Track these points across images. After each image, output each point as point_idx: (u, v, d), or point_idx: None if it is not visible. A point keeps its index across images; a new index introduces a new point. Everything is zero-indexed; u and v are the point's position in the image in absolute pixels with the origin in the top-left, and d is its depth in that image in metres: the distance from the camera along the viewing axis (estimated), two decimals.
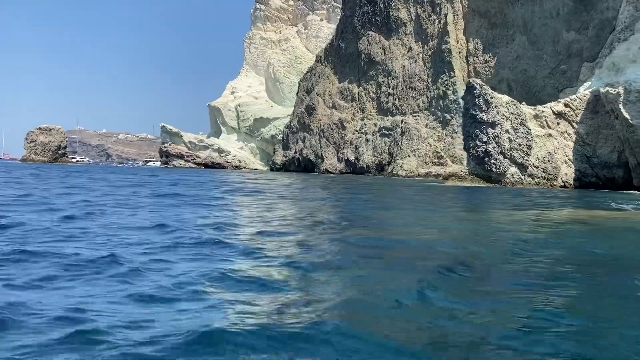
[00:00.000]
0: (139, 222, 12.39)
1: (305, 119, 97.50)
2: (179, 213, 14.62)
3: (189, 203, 18.24)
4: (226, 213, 15.30)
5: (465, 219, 15.89)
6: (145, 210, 15.18)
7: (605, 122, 39.39)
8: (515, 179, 37.19)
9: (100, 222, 12.04)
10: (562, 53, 63.15)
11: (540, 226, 13.78)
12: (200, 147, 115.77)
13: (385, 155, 79.99)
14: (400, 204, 20.95)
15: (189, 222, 12.42)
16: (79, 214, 13.42)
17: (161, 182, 35.68)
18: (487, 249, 9.78)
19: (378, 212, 17.17)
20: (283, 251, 8.63)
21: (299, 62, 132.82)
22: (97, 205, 16.10)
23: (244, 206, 18.63)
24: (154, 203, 18.02)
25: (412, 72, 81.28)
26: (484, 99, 37.43)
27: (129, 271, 6.63)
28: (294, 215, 15.03)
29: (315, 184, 31.63)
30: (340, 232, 11.41)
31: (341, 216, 15.34)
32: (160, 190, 24.96)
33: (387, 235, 11.50)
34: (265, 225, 12.26)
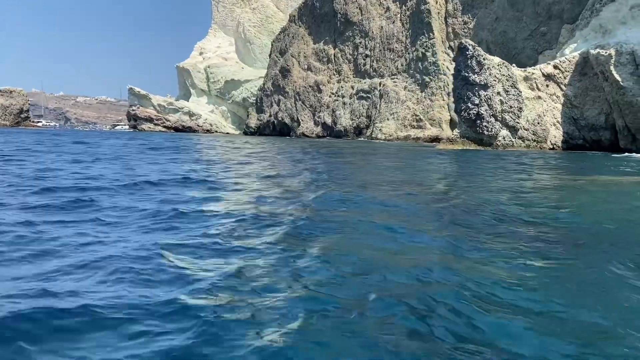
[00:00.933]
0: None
1: (279, 81, 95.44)
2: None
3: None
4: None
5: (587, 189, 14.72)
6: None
7: (593, 84, 39.60)
8: (506, 142, 37.25)
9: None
10: (542, 15, 63.02)
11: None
12: (170, 110, 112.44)
13: (364, 118, 79.34)
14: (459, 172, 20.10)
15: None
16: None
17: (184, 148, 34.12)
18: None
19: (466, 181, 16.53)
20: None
21: (270, 22, 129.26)
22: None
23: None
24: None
25: (390, 33, 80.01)
26: (476, 60, 36.94)
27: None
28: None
29: (315, 155, 30.60)
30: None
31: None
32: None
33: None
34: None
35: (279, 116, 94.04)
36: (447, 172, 19.49)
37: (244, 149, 33.88)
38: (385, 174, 18.07)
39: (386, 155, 30.36)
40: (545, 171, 20.16)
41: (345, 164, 22.78)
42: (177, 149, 33.00)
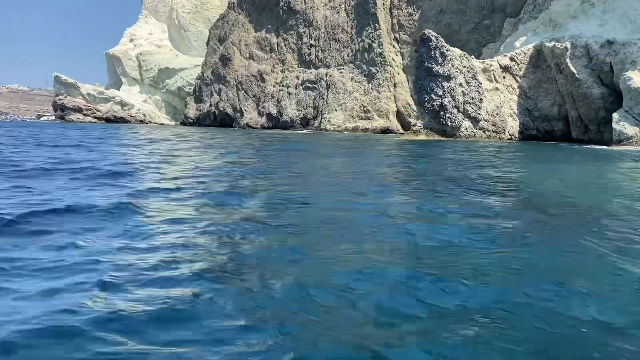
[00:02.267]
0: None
1: (220, 70, 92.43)
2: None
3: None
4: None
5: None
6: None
7: (546, 76, 40.93)
8: (468, 133, 37.73)
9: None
10: (486, 8, 64.79)
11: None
12: (101, 99, 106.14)
13: (310, 109, 78.45)
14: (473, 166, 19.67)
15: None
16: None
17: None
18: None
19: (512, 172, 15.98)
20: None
21: (206, 9, 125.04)
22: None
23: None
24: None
25: (335, 23, 79.43)
26: (440, 51, 37.04)
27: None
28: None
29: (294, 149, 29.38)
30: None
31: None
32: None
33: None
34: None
35: (220, 106, 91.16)
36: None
37: (165, 144, 31.34)
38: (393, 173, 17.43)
39: (353, 150, 29.65)
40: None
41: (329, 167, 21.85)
42: (81, 147, 30.59)
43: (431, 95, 37.46)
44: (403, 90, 72.46)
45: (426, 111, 37.81)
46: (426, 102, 37.56)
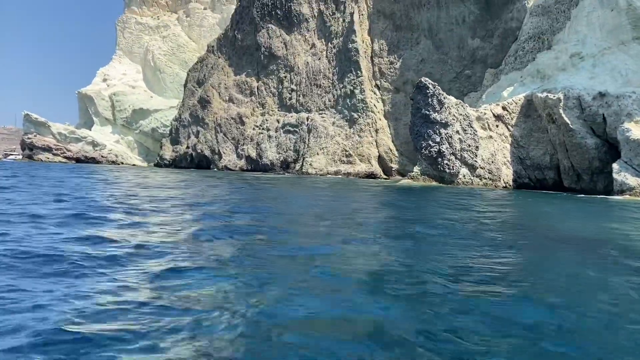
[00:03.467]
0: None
1: (198, 112, 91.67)
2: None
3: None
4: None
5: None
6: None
7: (537, 125, 41.78)
8: (466, 180, 37.80)
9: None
10: (467, 58, 66.72)
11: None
12: (72, 139, 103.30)
13: (291, 152, 78.06)
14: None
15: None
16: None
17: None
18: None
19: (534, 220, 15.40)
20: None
21: (182, 51, 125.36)
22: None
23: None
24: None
25: (317, 69, 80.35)
26: (437, 99, 37.42)
27: None
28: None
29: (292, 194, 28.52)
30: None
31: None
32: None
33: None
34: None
35: (197, 148, 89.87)
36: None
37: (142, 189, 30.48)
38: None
39: (353, 194, 29.05)
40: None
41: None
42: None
43: (428, 142, 37.56)
44: (384, 135, 73.11)
45: (423, 157, 37.82)
46: (423, 149, 37.61)
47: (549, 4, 55.53)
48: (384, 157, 72.42)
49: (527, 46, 56.66)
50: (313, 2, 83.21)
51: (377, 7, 76.47)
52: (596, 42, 38.47)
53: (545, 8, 56.09)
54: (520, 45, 57.71)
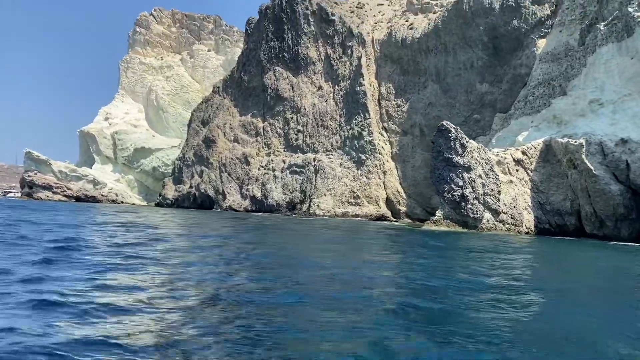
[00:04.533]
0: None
1: (203, 151, 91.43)
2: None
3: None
4: None
5: None
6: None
7: (556, 171, 41.65)
8: (490, 225, 37.30)
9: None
10: (475, 103, 67.33)
11: None
12: (73, 177, 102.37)
13: (297, 193, 77.52)
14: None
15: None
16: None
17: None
18: None
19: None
20: None
21: (185, 92, 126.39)
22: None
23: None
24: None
25: (324, 110, 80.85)
26: (460, 142, 37.33)
27: None
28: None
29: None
30: None
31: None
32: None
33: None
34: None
35: (201, 188, 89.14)
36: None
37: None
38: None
39: (382, 240, 28.22)
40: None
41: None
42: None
43: (451, 186, 37.22)
44: (392, 177, 72.94)
45: (446, 201, 37.38)
46: (446, 192, 37.23)
47: (559, 51, 56.55)
48: (391, 199, 72.01)
49: (537, 92, 57.33)
50: (320, 45, 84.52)
51: (384, 51, 77.67)
52: (615, 88, 38.85)
53: (555, 55, 57.10)
54: (530, 91, 58.38)
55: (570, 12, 56.77)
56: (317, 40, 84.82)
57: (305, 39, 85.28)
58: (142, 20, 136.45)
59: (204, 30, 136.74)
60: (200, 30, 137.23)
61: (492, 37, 64.62)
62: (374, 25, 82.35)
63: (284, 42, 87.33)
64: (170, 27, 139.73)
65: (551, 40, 58.83)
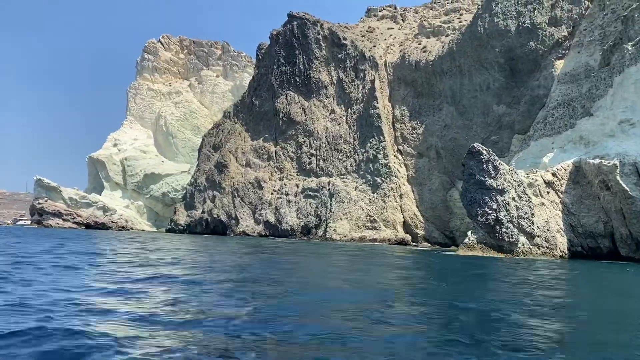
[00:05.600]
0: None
1: (215, 176, 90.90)
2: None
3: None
4: None
5: None
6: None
7: (587, 192, 40.89)
8: (525, 249, 36.39)
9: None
10: (492, 125, 66.93)
11: None
12: (83, 204, 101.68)
13: (312, 217, 76.66)
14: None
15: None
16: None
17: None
18: None
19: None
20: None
21: (194, 117, 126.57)
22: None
23: None
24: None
25: (337, 134, 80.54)
26: (492, 165, 36.68)
27: None
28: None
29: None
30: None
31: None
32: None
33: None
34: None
35: (213, 213, 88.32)
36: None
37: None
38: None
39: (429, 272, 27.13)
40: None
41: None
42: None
43: (485, 209, 36.44)
44: (409, 200, 72.16)
45: (480, 225, 36.55)
46: (479, 216, 36.42)
47: (578, 72, 56.32)
48: (409, 222, 71.11)
49: (557, 113, 56.94)
50: (332, 69, 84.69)
51: (397, 74, 77.70)
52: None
53: (574, 76, 56.86)
54: (549, 112, 58.00)
55: (589, 33, 56.77)
56: (329, 64, 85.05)
57: (317, 63, 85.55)
58: (150, 47, 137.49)
59: (212, 56, 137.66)
60: (209, 57, 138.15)
61: (509, 58, 64.59)
62: (385, 49, 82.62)
63: (295, 67, 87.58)
64: (178, 53, 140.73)
65: (569, 62, 58.71)
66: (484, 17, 66.53)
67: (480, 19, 66.96)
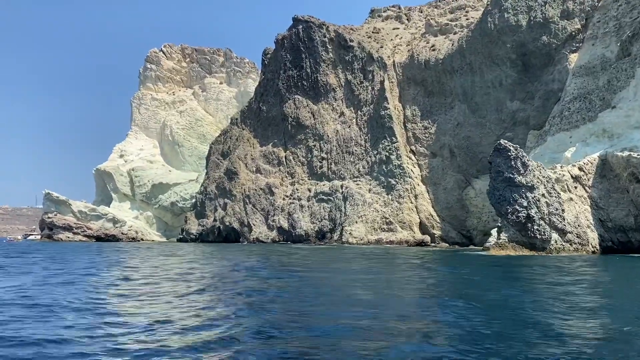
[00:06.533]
0: None
1: (225, 183, 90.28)
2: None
3: None
4: None
5: None
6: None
7: (615, 186, 40.22)
8: (558, 246, 35.70)
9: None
10: (507, 121, 66.27)
11: None
12: (92, 217, 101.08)
13: (326, 221, 75.99)
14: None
15: None
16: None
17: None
18: None
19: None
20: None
21: (200, 125, 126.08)
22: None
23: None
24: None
25: (347, 136, 79.93)
26: (521, 161, 36.02)
27: None
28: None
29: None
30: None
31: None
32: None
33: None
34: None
35: (225, 221, 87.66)
36: None
37: None
38: None
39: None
40: None
41: None
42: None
43: (515, 207, 35.76)
44: (424, 201, 71.48)
45: (510, 223, 35.87)
46: (510, 214, 35.74)
47: (594, 65, 55.71)
48: (425, 223, 70.42)
49: (573, 106, 56.30)
50: (339, 72, 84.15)
51: (406, 74, 77.13)
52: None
53: (589, 69, 56.25)
54: (565, 106, 57.36)
55: (603, 25, 56.19)
56: (336, 67, 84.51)
57: (324, 66, 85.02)
58: (152, 57, 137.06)
59: (215, 63, 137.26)
60: (211, 64, 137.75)
61: (521, 54, 63.96)
62: (393, 49, 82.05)
63: (302, 71, 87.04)
64: (181, 62, 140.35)
65: (584, 54, 58.09)
66: (493, 13, 65.94)
67: (489, 15, 66.37)
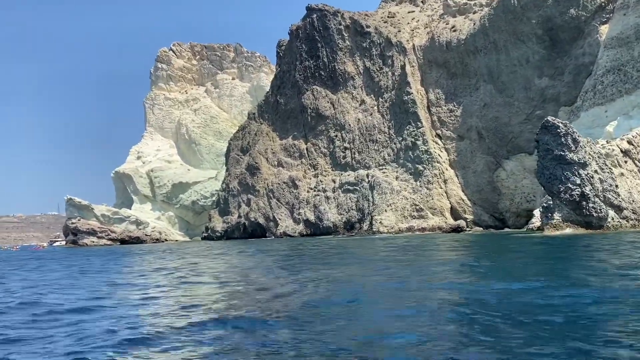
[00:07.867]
0: None
1: (247, 179, 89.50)
2: None
3: None
4: None
5: None
6: None
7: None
8: (615, 223, 34.43)
9: None
10: (536, 99, 64.64)
11: None
12: (115, 220, 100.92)
13: (354, 212, 74.94)
14: None
15: None
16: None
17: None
18: None
19: None
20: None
21: (215, 122, 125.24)
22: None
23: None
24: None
25: (370, 124, 78.63)
26: (572, 137, 34.67)
27: None
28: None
29: None
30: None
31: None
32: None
33: None
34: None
35: (250, 216, 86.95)
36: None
37: None
38: None
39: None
40: None
41: None
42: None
43: (567, 185, 34.47)
44: (454, 185, 70.17)
45: (564, 202, 34.60)
46: (562, 193, 34.46)
47: (627, 35, 53.97)
48: (456, 208, 69.15)
49: (607, 80, 54.66)
50: (357, 59, 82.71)
51: (427, 57, 75.54)
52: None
53: (622, 40, 54.52)
54: (597, 80, 55.70)
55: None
56: (354, 55, 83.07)
57: (341, 54, 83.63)
58: (162, 56, 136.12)
59: (226, 59, 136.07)
60: (222, 60, 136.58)
61: (547, 29, 62.24)
62: (411, 32, 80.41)
63: (319, 60, 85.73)
64: (191, 59, 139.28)
65: (615, 25, 56.29)
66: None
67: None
